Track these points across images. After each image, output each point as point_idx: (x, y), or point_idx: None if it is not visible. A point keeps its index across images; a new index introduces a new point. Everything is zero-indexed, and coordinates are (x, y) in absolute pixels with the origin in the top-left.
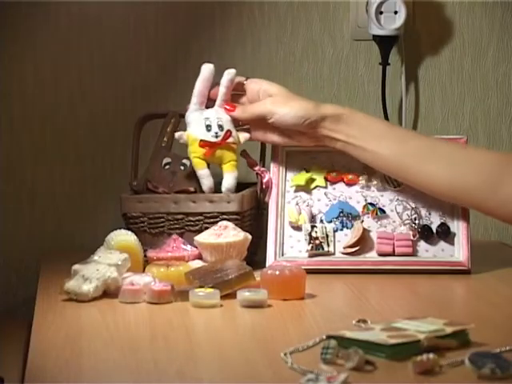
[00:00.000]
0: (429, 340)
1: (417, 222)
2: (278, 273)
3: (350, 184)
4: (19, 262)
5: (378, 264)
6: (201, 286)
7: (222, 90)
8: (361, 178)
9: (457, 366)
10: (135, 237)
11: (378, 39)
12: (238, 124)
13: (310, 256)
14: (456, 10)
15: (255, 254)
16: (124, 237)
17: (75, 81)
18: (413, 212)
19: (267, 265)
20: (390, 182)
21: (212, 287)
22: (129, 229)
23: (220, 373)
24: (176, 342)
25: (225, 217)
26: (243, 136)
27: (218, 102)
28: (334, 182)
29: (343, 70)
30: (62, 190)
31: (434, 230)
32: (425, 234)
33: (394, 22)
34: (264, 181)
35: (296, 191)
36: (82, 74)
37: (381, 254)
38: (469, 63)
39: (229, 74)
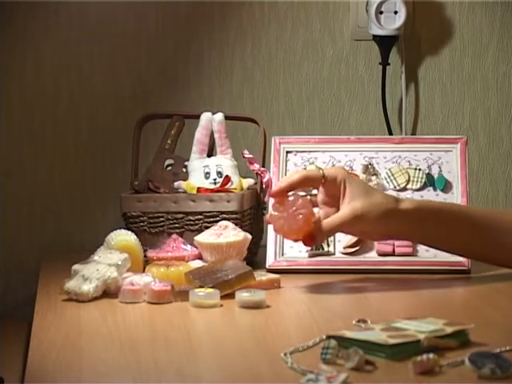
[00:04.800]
0: (429, 340)
1: None
2: (285, 224)
3: None
4: (19, 261)
5: (377, 264)
6: (201, 286)
7: (215, 136)
8: (361, 178)
9: (457, 366)
10: (135, 237)
11: (378, 39)
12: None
13: (310, 256)
14: (456, 10)
15: (255, 254)
16: (124, 237)
17: (75, 81)
18: None
19: (267, 265)
20: (390, 182)
21: (212, 287)
22: (129, 228)
23: (220, 373)
24: (176, 342)
25: (225, 216)
26: (247, 181)
27: (217, 149)
28: None
29: (343, 69)
30: (62, 190)
31: None
32: None
33: (394, 22)
34: (264, 181)
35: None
36: (82, 74)
37: (381, 254)
38: (469, 63)
39: (216, 118)
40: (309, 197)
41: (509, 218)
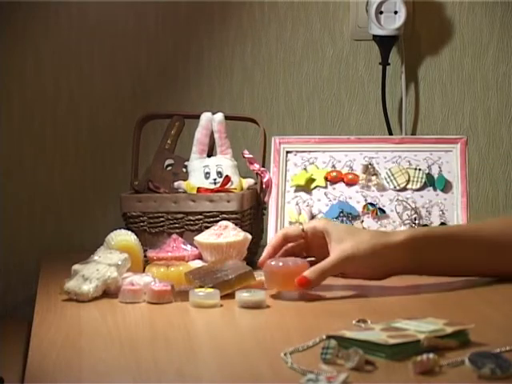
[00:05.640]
0: (429, 340)
1: (417, 222)
2: (281, 264)
3: (349, 184)
4: (19, 261)
5: None
6: (200, 286)
7: (215, 136)
8: (361, 178)
9: (457, 366)
10: (135, 237)
11: (378, 39)
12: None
13: None
14: (456, 10)
15: (255, 254)
16: (124, 237)
17: (75, 81)
18: (413, 212)
19: None
20: (390, 182)
21: (212, 287)
22: (129, 228)
23: (220, 373)
24: (176, 341)
25: (224, 216)
26: (247, 181)
27: (217, 149)
28: (334, 182)
29: (343, 70)
30: (62, 190)
31: None
32: None
33: (394, 22)
34: (264, 181)
35: (296, 191)
36: (82, 74)
37: None
38: (469, 63)
39: (216, 118)
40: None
41: (499, 231)
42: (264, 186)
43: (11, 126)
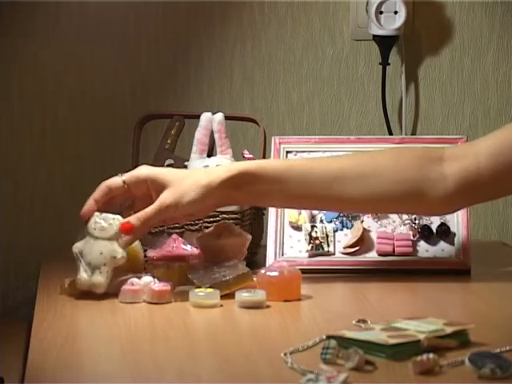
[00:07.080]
0: (429, 340)
1: (417, 221)
2: (275, 274)
3: None
4: (19, 262)
5: (377, 264)
6: (198, 287)
7: (215, 136)
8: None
9: (457, 366)
10: None
11: (377, 39)
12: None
13: (310, 256)
14: (456, 10)
15: (255, 254)
16: None
17: (75, 81)
18: None
19: (267, 265)
20: None
21: (209, 287)
22: None
23: (220, 372)
24: (176, 341)
25: (225, 216)
26: None
27: (217, 149)
28: None
29: (343, 69)
30: (62, 190)
31: (434, 230)
32: (425, 233)
33: (394, 22)
34: None
35: None
36: (82, 74)
37: (381, 254)
38: (469, 63)
39: (216, 118)
40: None
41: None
42: None
43: (11, 126)
